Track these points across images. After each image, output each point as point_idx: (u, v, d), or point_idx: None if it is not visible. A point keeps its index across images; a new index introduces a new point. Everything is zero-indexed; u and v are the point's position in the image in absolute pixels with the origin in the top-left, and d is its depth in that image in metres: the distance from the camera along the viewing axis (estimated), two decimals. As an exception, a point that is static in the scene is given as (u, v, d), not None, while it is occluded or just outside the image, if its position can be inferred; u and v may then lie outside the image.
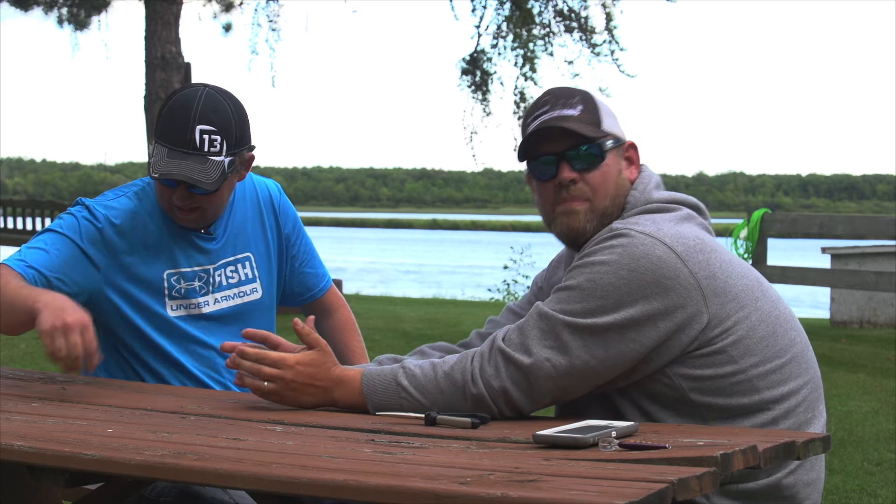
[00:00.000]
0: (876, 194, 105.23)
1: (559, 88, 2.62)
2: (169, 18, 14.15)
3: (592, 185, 2.55)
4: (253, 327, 3.19)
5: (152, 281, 3.09)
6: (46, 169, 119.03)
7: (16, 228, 21.44)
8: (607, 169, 2.56)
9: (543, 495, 1.68)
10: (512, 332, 2.43)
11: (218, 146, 2.99)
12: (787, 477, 2.41)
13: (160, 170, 2.98)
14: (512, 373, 2.39)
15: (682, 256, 2.41)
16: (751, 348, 2.42)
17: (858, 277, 10.24)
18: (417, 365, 2.47)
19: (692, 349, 2.39)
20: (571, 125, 2.54)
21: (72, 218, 3.08)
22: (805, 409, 2.46)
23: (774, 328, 2.46)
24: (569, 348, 2.37)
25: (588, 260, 2.43)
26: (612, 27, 16.91)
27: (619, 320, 2.36)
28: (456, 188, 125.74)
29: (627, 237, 2.42)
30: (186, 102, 3.01)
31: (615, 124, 2.61)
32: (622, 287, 2.37)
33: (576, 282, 2.41)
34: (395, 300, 18.29)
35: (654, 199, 2.57)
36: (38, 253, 3.01)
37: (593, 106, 2.58)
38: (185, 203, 3.04)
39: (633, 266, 2.38)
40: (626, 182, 2.59)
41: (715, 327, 2.40)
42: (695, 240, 2.45)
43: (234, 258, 3.20)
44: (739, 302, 2.43)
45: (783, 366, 2.45)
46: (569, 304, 2.39)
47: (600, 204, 2.55)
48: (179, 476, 2.04)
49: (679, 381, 2.41)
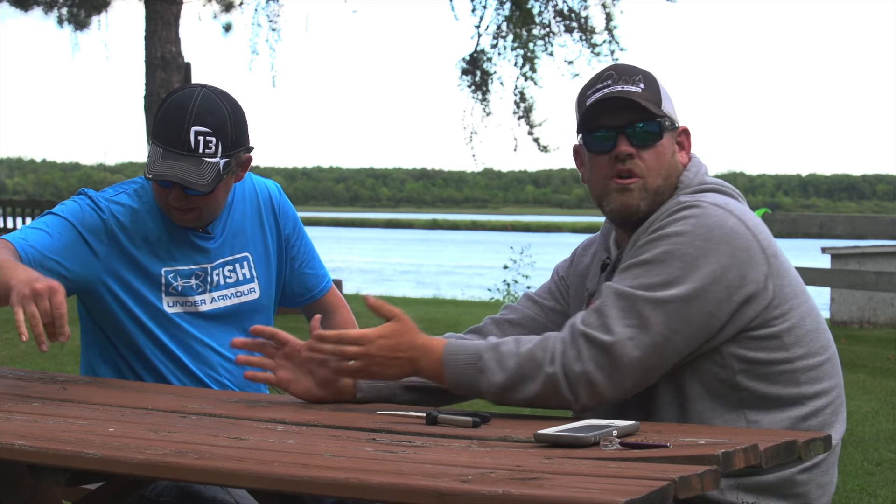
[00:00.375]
0: (876, 194, 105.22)
1: (622, 65, 2.62)
2: (169, 18, 14.17)
3: (648, 163, 2.54)
4: (249, 326, 3.20)
5: (151, 275, 3.10)
6: (46, 169, 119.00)
7: (16, 228, 21.45)
8: (662, 149, 2.56)
9: (545, 493, 1.68)
10: (590, 315, 2.39)
11: (213, 147, 2.99)
12: (801, 473, 2.41)
13: (154, 170, 2.98)
14: (595, 354, 2.35)
15: (753, 230, 2.43)
16: (801, 339, 2.44)
17: (858, 277, 10.24)
18: (502, 340, 2.44)
19: (753, 326, 2.40)
20: (635, 99, 2.54)
21: (75, 205, 3.09)
22: (831, 412, 2.47)
23: (818, 324, 2.49)
24: (650, 325, 2.35)
25: (662, 232, 2.42)
26: (612, 27, 16.95)
27: (697, 290, 2.35)
28: (456, 188, 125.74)
29: (699, 208, 2.42)
30: (182, 103, 3.00)
31: (672, 107, 2.61)
32: (700, 257, 2.37)
33: (652, 254, 2.40)
34: (394, 300, 18.26)
35: (708, 181, 2.57)
36: (39, 234, 3.01)
37: (655, 85, 2.58)
38: (180, 203, 3.04)
39: (708, 236, 2.38)
40: (677, 165, 2.59)
41: (776, 307, 2.41)
42: (757, 219, 2.48)
43: (233, 258, 3.20)
44: (794, 289, 2.46)
45: (823, 363, 2.47)
46: (648, 277, 2.38)
47: (653, 182, 2.54)
48: (181, 475, 2.04)
49: (731, 360, 2.41)
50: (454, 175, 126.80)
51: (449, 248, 56.79)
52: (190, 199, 3.04)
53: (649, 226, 2.48)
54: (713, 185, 2.56)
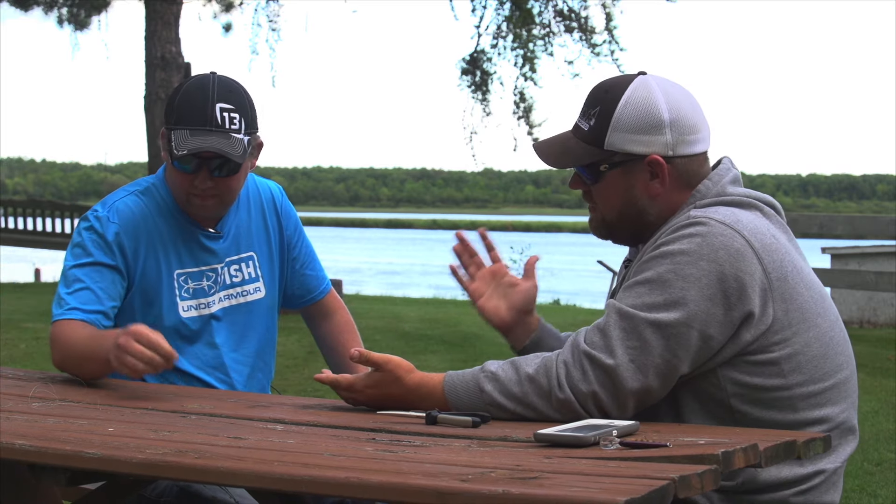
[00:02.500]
0: (876, 194, 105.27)
1: (599, 86, 2.57)
2: (169, 18, 14.17)
3: (597, 198, 2.57)
4: (255, 326, 3.21)
5: (164, 281, 3.10)
6: (46, 169, 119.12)
7: (16, 228, 21.45)
8: (607, 185, 2.53)
9: (545, 492, 1.68)
10: (593, 334, 2.37)
11: (238, 124, 3.02)
12: (796, 496, 2.37)
13: (188, 146, 2.98)
14: (599, 376, 2.33)
15: (759, 252, 2.37)
16: (801, 366, 2.38)
17: (858, 277, 10.24)
18: (499, 367, 2.41)
19: (751, 350, 2.35)
20: (562, 147, 2.57)
21: (87, 239, 3.06)
22: (834, 436, 2.41)
23: (827, 350, 2.41)
24: (651, 348, 2.32)
25: (666, 249, 2.38)
26: (612, 27, 16.94)
27: (698, 313, 2.32)
28: (456, 188, 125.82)
29: (706, 226, 2.37)
30: (202, 85, 3.03)
31: (633, 138, 2.50)
32: (702, 278, 2.33)
33: (655, 273, 2.37)
34: (395, 300, 18.28)
35: (729, 192, 2.51)
36: (85, 294, 3.01)
37: (606, 120, 2.50)
38: (206, 187, 3.04)
39: (712, 257, 2.34)
40: (642, 196, 2.51)
41: (776, 332, 2.35)
42: (771, 238, 2.41)
43: (238, 257, 3.20)
44: (802, 314, 2.39)
45: (825, 390, 2.41)
46: (650, 297, 2.35)
47: (608, 216, 2.56)
48: (181, 474, 2.04)
49: (726, 384, 2.37)
50: (454, 175, 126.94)
51: (449, 248, 56.60)
52: (215, 183, 3.04)
53: (656, 239, 2.44)
54: (734, 197, 2.49)
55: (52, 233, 20.96)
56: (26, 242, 21.56)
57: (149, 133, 14.20)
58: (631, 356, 2.32)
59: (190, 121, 3.00)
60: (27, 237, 21.44)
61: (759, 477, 2.33)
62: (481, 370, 2.43)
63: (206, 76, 3.06)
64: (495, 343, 10.48)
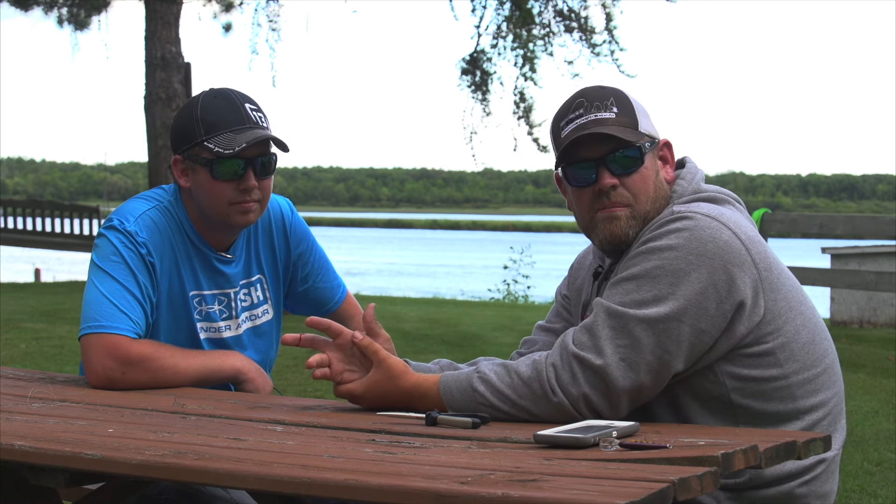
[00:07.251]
0: (876, 194, 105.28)
1: (591, 89, 2.53)
2: (169, 18, 14.15)
3: (633, 190, 2.48)
4: (262, 346, 3.22)
5: (184, 300, 3.09)
6: (46, 169, 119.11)
7: (16, 228, 21.43)
8: (646, 172, 2.49)
9: (544, 495, 1.68)
10: (581, 334, 2.34)
11: (265, 122, 3.07)
12: (800, 486, 2.39)
13: (243, 141, 2.98)
14: (589, 377, 2.31)
15: (746, 244, 2.36)
16: (795, 353, 2.38)
17: (858, 277, 10.23)
18: (491, 369, 2.39)
19: (746, 343, 2.35)
20: (611, 129, 2.46)
21: (121, 249, 3.00)
22: (829, 422, 2.44)
23: (814, 336, 2.43)
24: (642, 345, 2.29)
25: (653, 245, 2.36)
26: (612, 27, 16.91)
27: (688, 307, 2.30)
28: (456, 188, 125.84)
29: (692, 220, 2.36)
30: (219, 94, 3.06)
31: (649, 123, 2.53)
32: (691, 272, 2.31)
33: (643, 268, 2.34)
34: (395, 300, 18.26)
35: (704, 189, 2.51)
36: (135, 307, 2.96)
37: (628, 106, 2.50)
38: (253, 188, 3.02)
39: (700, 250, 2.32)
40: (663, 183, 2.52)
41: (769, 323, 2.36)
42: (752, 230, 2.43)
43: (248, 281, 3.20)
44: (788, 302, 2.40)
45: (818, 375, 2.42)
46: (638, 293, 2.32)
47: (641, 208, 2.48)
48: (180, 476, 2.04)
49: (725, 378, 2.37)
50: (454, 175, 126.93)
51: (449, 247, 56.79)
52: (261, 185, 3.04)
53: (642, 235, 2.43)
54: (709, 193, 2.50)
55: (52, 233, 20.94)
56: (26, 242, 21.55)
57: (149, 133, 14.18)
58: (621, 354, 2.30)
59: (227, 124, 3.01)
60: (27, 237, 21.42)
61: (765, 471, 2.34)
62: (475, 370, 2.42)
63: (211, 90, 3.07)
64: (495, 343, 10.49)
